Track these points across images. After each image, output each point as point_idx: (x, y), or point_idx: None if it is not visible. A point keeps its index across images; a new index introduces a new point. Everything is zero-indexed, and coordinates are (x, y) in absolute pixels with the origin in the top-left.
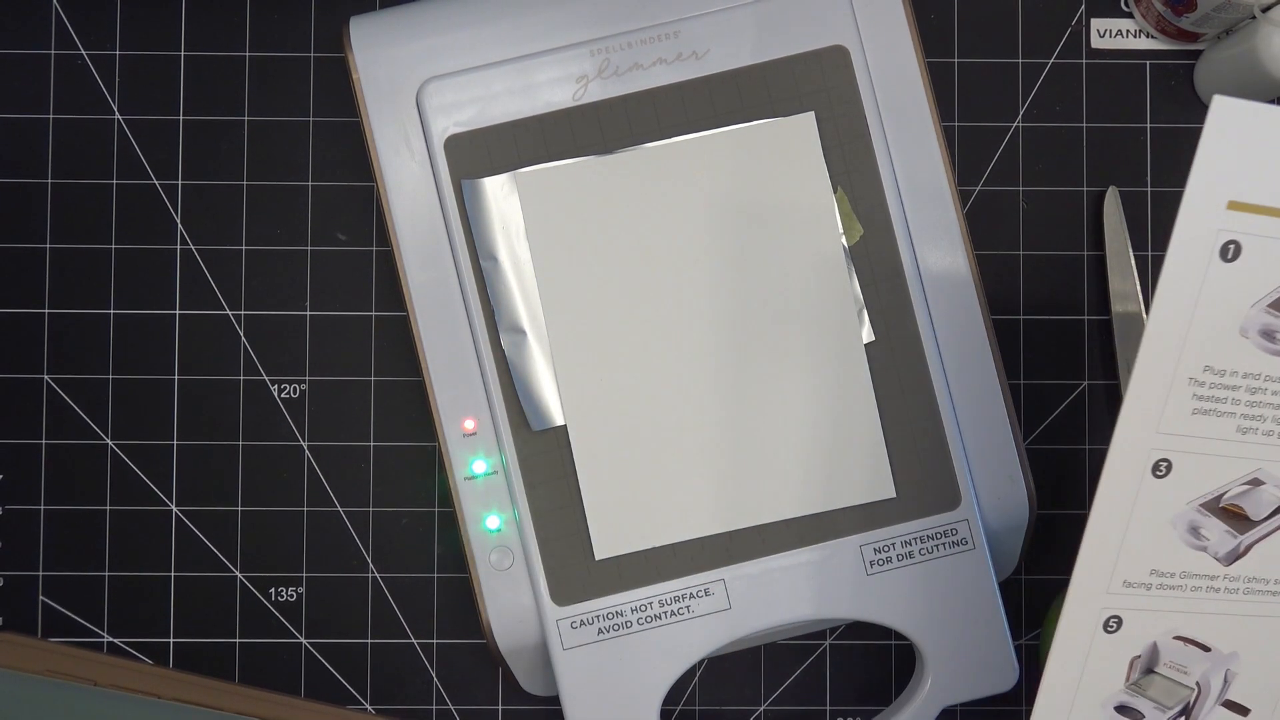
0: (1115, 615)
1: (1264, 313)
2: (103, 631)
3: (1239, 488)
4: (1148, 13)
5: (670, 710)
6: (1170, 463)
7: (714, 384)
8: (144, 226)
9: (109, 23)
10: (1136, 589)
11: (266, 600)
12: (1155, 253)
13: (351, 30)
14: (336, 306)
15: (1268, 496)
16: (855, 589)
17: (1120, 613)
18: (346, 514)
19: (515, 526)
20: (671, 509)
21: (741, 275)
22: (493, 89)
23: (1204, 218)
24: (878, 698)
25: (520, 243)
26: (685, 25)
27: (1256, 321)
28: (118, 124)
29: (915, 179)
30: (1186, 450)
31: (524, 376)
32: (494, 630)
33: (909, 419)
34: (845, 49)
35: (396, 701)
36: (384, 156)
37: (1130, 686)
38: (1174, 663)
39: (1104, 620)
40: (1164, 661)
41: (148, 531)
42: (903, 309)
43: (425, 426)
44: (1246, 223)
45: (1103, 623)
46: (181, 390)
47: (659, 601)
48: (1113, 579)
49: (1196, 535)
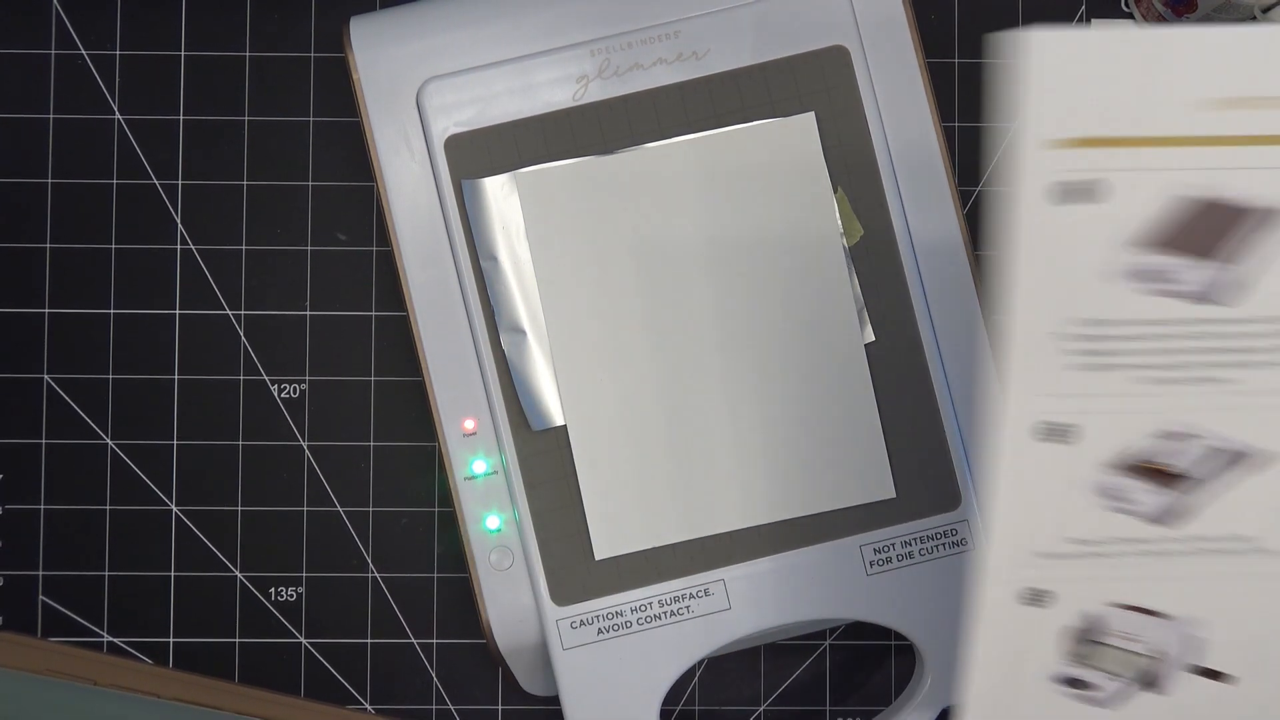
0: (1033, 588)
1: (1130, 254)
2: (103, 631)
3: (1148, 441)
4: (1148, 13)
5: (670, 710)
6: (1055, 425)
7: (714, 384)
8: (144, 226)
9: (109, 22)
10: (1055, 559)
11: (266, 600)
12: None
13: (352, 30)
14: (336, 306)
15: (1190, 448)
16: (855, 589)
17: (1040, 585)
18: (346, 514)
19: (515, 526)
20: (671, 509)
21: (741, 276)
22: (493, 89)
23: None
24: (878, 698)
25: (520, 243)
26: (685, 25)
27: (1124, 264)
28: (118, 124)
29: (916, 179)
30: (1075, 411)
31: (524, 376)
32: (494, 630)
33: (909, 419)
34: (845, 49)
35: (396, 701)
36: (384, 156)
37: (1074, 657)
38: (1124, 632)
39: (1020, 592)
40: (1113, 631)
41: (148, 531)
42: (903, 309)
43: (425, 426)
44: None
45: (1020, 595)
46: (181, 390)
47: (659, 601)
48: (1024, 551)
49: (1116, 497)
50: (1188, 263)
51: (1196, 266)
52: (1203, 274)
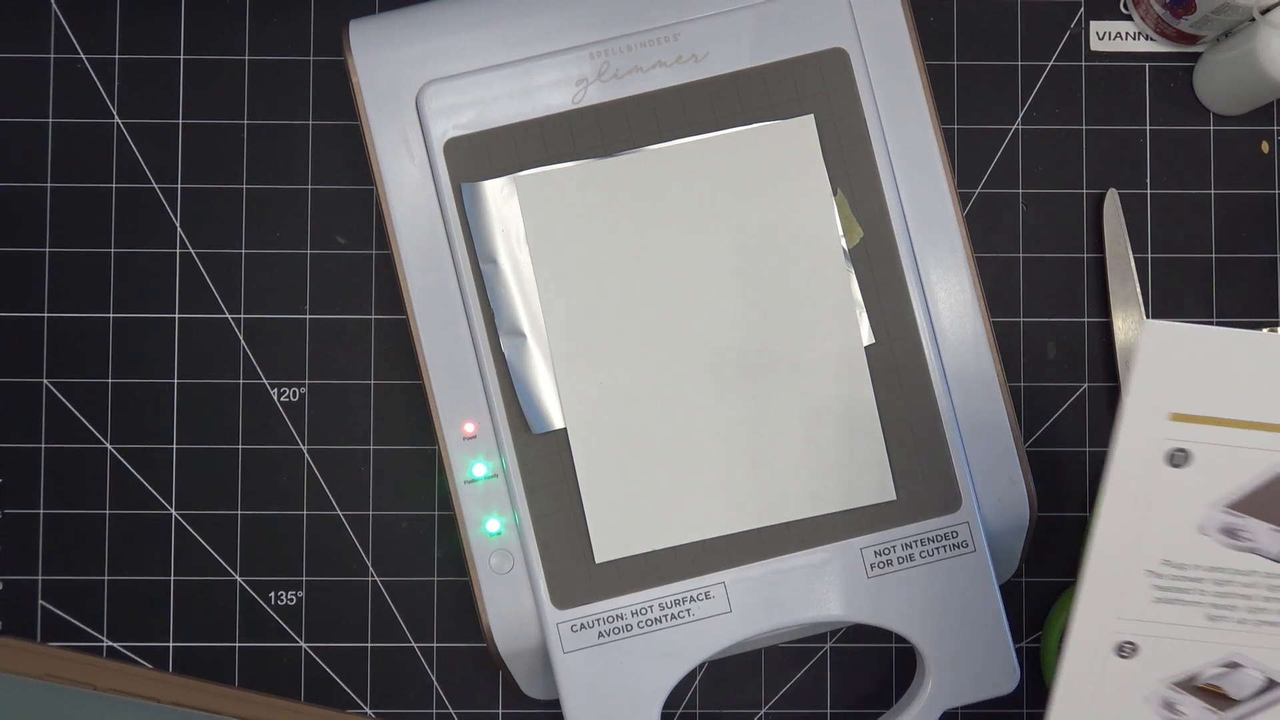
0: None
1: (1222, 513)
2: (102, 636)
3: (1215, 669)
4: (1147, 15)
5: (671, 714)
6: (1135, 645)
7: (714, 386)
8: (143, 230)
9: (108, 26)
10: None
11: (266, 604)
12: (1155, 255)
13: (351, 33)
14: (336, 310)
15: (1248, 679)
16: (856, 592)
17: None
18: (346, 517)
19: (515, 530)
20: (672, 512)
21: (741, 278)
22: (492, 92)
23: (1147, 428)
24: (878, 701)
25: (520, 246)
26: (685, 28)
27: (1215, 520)
28: (117, 128)
29: (915, 181)
30: (1152, 635)
31: (524, 379)
32: (494, 634)
33: (909, 421)
34: (845, 52)
35: (396, 705)
36: (384, 160)
37: None
38: None
39: None
40: None
41: (147, 535)
42: (903, 311)
43: (425, 430)
44: (1190, 432)
45: None
46: (181, 394)
47: (659, 605)
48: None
49: (1172, 710)
50: (1268, 527)
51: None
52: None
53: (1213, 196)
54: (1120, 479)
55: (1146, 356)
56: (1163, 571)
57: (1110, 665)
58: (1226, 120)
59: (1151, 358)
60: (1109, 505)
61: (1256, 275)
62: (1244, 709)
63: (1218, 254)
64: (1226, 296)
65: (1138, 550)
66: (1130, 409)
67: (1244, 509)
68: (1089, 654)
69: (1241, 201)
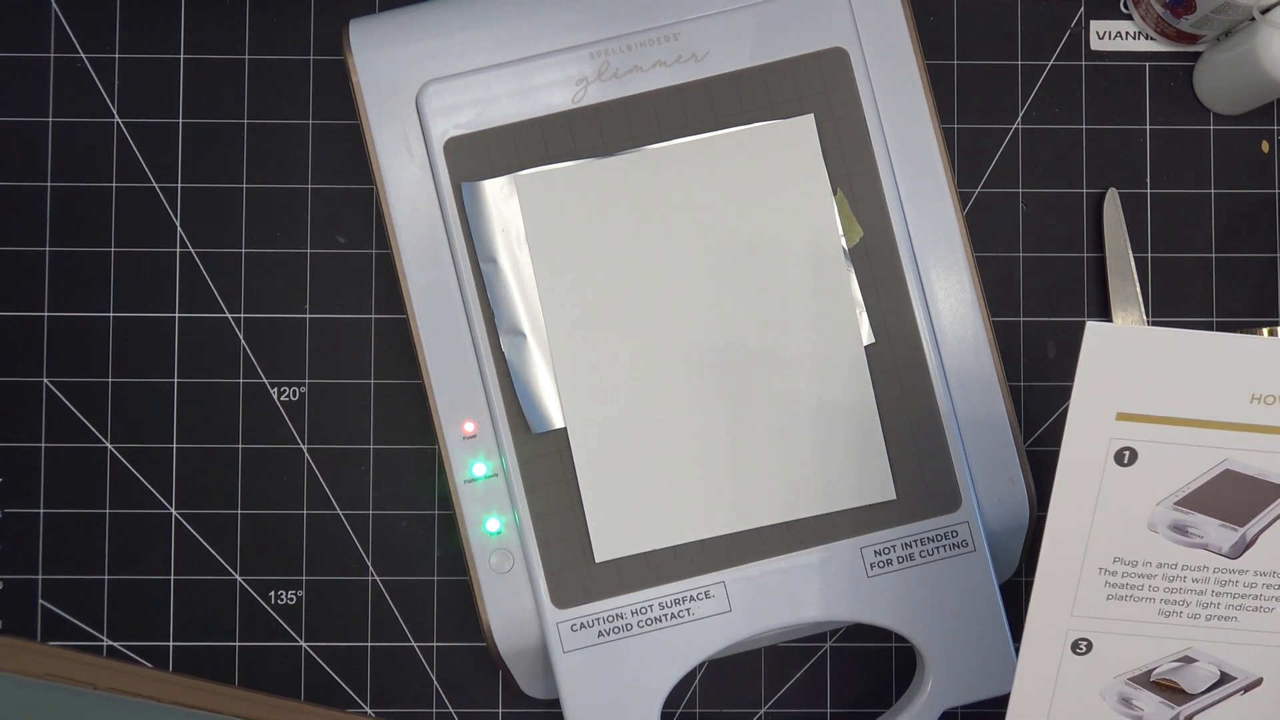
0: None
1: (1171, 510)
2: (102, 635)
3: (1169, 664)
4: (1147, 14)
5: (670, 713)
6: (1090, 641)
7: (714, 386)
8: (143, 229)
9: (108, 26)
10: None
11: (266, 603)
12: (1155, 255)
13: (351, 33)
14: (336, 309)
15: (1202, 672)
16: (856, 591)
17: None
18: (346, 517)
19: (515, 529)
20: (672, 511)
21: (741, 278)
22: (492, 91)
23: (1095, 428)
24: (878, 700)
25: (520, 245)
26: (685, 28)
27: (1165, 517)
28: (117, 127)
29: (915, 181)
30: (1106, 631)
31: (524, 379)
32: (494, 633)
33: (909, 421)
34: (845, 51)
35: (396, 705)
36: (384, 159)
37: None
38: None
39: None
40: None
41: (147, 535)
42: (903, 310)
43: (425, 429)
44: (1136, 431)
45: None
46: (181, 393)
47: (659, 604)
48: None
49: (1129, 705)
50: (1216, 523)
51: (1223, 527)
52: (1227, 533)
53: (1213, 196)
54: (1070, 478)
55: (1089, 358)
56: (1115, 569)
57: (1066, 662)
58: (1226, 120)
59: (1094, 359)
60: (1060, 504)
61: (1256, 275)
62: (1199, 702)
63: (1218, 254)
64: (1226, 296)
65: (1089, 548)
66: (1077, 409)
67: (1192, 505)
68: (1045, 651)
69: (1241, 201)
